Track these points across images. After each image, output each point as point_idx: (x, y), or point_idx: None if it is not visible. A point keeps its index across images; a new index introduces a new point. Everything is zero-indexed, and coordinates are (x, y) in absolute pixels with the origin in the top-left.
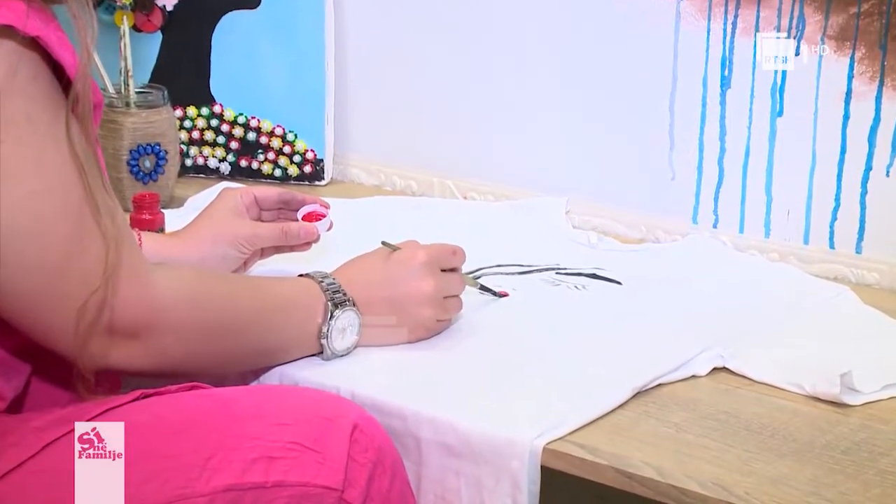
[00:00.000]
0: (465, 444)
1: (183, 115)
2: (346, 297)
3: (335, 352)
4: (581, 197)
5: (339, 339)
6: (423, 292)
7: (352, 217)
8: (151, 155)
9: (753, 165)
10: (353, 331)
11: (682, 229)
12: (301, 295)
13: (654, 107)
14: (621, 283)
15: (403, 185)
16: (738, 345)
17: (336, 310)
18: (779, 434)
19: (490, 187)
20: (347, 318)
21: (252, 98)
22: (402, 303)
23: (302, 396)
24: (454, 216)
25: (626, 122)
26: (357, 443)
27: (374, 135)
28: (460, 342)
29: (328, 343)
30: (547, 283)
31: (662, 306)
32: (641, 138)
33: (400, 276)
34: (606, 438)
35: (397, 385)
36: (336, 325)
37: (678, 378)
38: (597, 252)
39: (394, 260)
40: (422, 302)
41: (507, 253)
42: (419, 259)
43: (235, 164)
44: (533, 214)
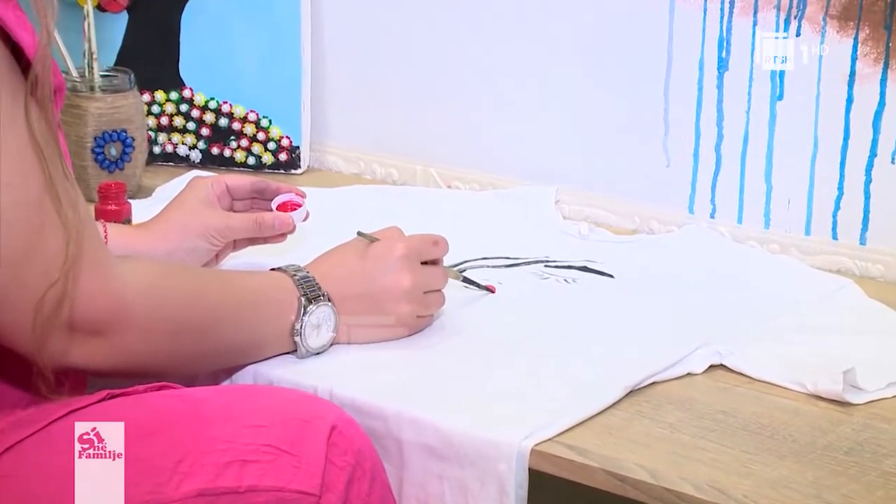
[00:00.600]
0: (449, 447)
1: (151, 100)
2: (320, 292)
3: (309, 349)
4: (571, 185)
5: (313, 335)
6: (400, 288)
7: (329, 207)
8: (117, 142)
9: (752, 152)
10: (328, 327)
11: (678, 220)
12: (273, 289)
13: (648, 90)
14: (613, 276)
15: (384, 173)
16: (736, 341)
17: (310, 305)
18: (778, 434)
19: (475, 175)
20: (322, 313)
21: (224, 82)
22: (379, 299)
23: (277, 397)
24: (437, 206)
25: (618, 106)
26: (335, 445)
27: (352, 120)
28: (444, 339)
29: (302, 340)
30: (535, 276)
31: (657, 300)
32: (635, 124)
33: (377, 271)
34: (598, 439)
35: (377, 384)
36: (310, 321)
37: (673, 376)
38: (588, 244)
39: (370, 253)
40: (399, 297)
41: (493, 245)
42: (397, 252)
43: (206, 151)
44: (521, 204)
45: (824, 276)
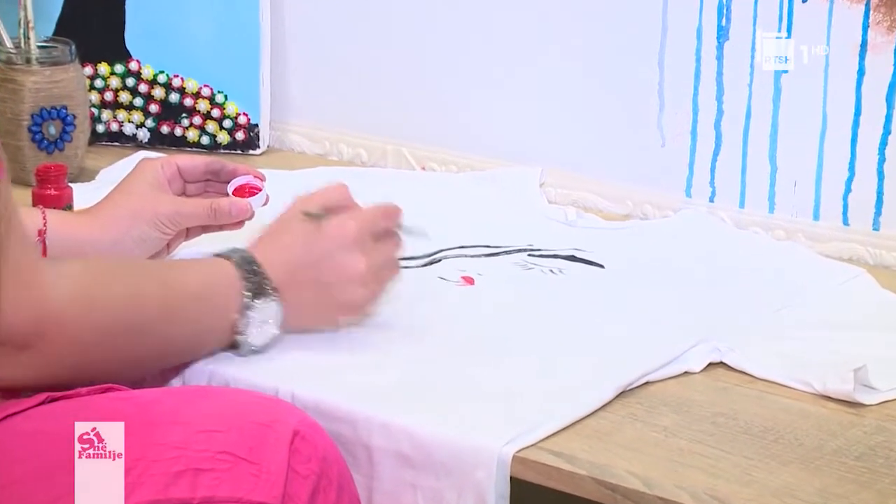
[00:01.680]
0: (423, 454)
1: (93, 74)
2: (267, 284)
3: (252, 347)
4: (557, 167)
5: (256, 332)
6: (355, 271)
7: (291, 191)
8: (57, 120)
9: (755, 130)
10: (274, 323)
11: (674, 204)
12: (216, 281)
13: (642, 62)
14: (603, 266)
15: (351, 153)
16: (737, 336)
17: (255, 300)
18: (783, 438)
19: (452, 156)
20: (268, 308)
21: (174, 53)
22: (331, 284)
23: (234, 399)
24: (410, 189)
25: (608, 80)
26: (298, 452)
27: (317, 96)
28: (417, 336)
29: (245, 338)
30: (518, 266)
31: (651, 292)
32: (627, 99)
33: (327, 255)
34: (586, 445)
35: (344, 386)
36: (255, 318)
37: (668, 375)
38: (575, 231)
39: (320, 235)
40: (353, 281)
41: (471, 232)
42: (349, 233)
43: (155, 130)
44: (501, 187)
45: (834, 264)
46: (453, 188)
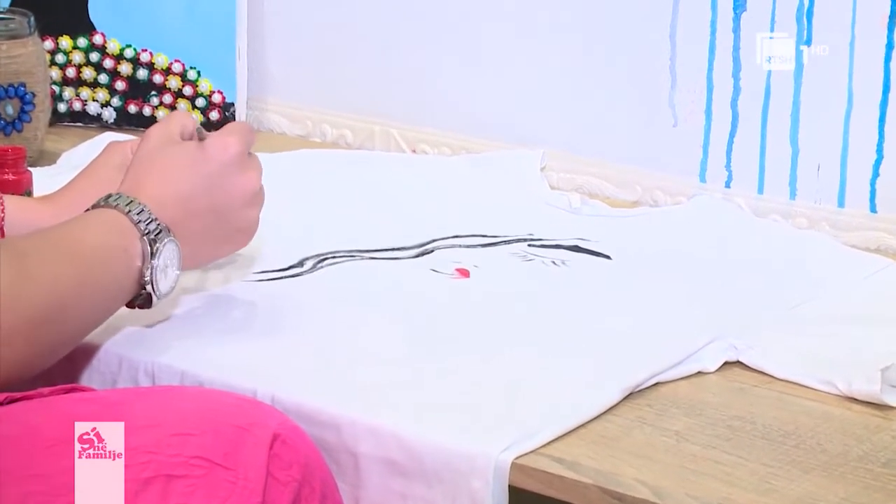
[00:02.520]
0: (414, 461)
1: (54, 48)
2: (160, 226)
3: (161, 294)
4: (560, 149)
5: (162, 279)
6: (249, 190)
7: (270, 175)
8: (14, 98)
9: (775, 109)
10: (174, 265)
11: (687, 189)
12: (113, 238)
13: (652, 34)
14: (610, 257)
15: (335, 135)
16: (755, 333)
17: (155, 245)
18: (805, 443)
19: (445, 137)
20: (168, 251)
21: (142, 26)
22: (226, 209)
23: (209, 400)
24: (400, 174)
25: (615, 53)
26: (278, 457)
27: (298, 72)
28: (407, 334)
29: (154, 288)
30: (517, 257)
31: (661, 286)
32: (635, 74)
33: (218, 177)
34: (591, 451)
35: (328, 387)
36: (158, 265)
37: (680, 375)
38: (580, 218)
39: (205, 157)
40: (249, 202)
41: (466, 220)
42: (234, 149)
43: (122, 109)
44: (499, 171)
45: (861, 255)
46: (446, 172)
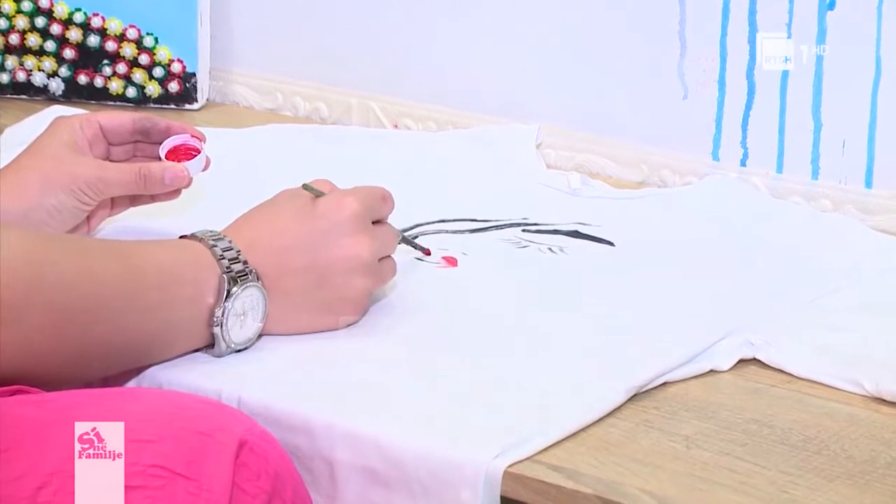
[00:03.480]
0: (396, 469)
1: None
2: (246, 268)
3: (231, 344)
4: (558, 124)
5: (237, 326)
6: (358, 256)
7: (237, 153)
8: None
9: (796, 79)
10: (255, 315)
11: (698, 168)
12: (185, 265)
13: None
14: (613, 243)
15: (308, 108)
16: (773, 328)
17: (234, 286)
18: (828, 449)
19: (430, 111)
20: (250, 297)
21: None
22: (329, 272)
23: (168, 403)
24: (380, 152)
25: (620, 18)
26: (245, 466)
27: (266, 39)
28: (390, 329)
29: (223, 332)
30: (510, 244)
31: (670, 275)
32: (641, 42)
33: (325, 235)
34: (591, 458)
35: (301, 388)
36: (234, 309)
37: (691, 375)
38: (580, 201)
39: (316, 211)
40: (355, 269)
41: (454, 203)
42: (349, 209)
43: (71, 80)
44: (490, 149)
45: (890, 240)
46: (432, 150)
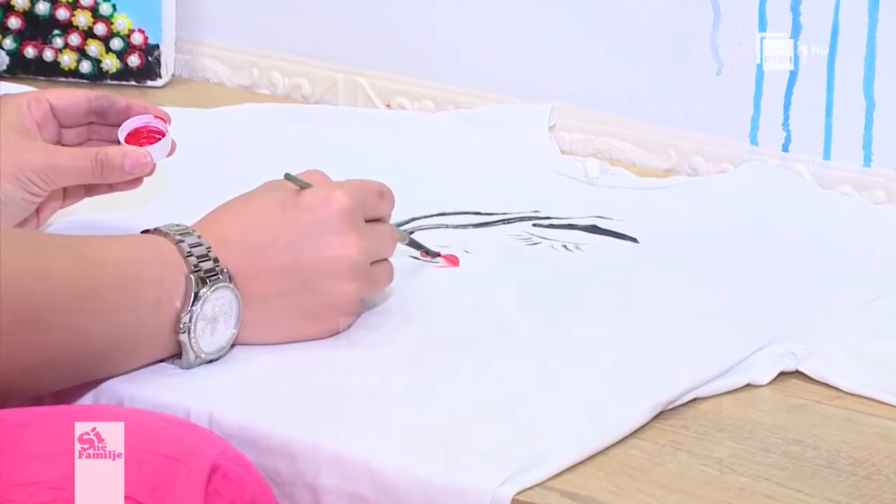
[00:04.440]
0: (389, 497)
1: None
2: (217, 267)
3: (201, 354)
4: (573, 103)
5: (207, 334)
6: (346, 257)
7: (206, 137)
8: None
9: (844, 52)
10: (228, 321)
11: (734, 154)
12: (148, 262)
13: None
14: (637, 239)
15: (289, 85)
16: (818, 336)
17: (203, 287)
18: (880, 473)
19: (427, 88)
20: (221, 300)
21: None
22: (312, 274)
23: (130, 423)
24: (370, 135)
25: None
26: (218, 495)
27: (240, 5)
28: (381, 337)
29: (191, 340)
30: (519, 240)
31: (701, 277)
32: (669, 9)
33: (309, 231)
34: (612, 485)
35: (282, 405)
36: (203, 313)
37: (725, 389)
38: (598, 191)
39: (299, 204)
40: (343, 271)
41: (455, 193)
42: (337, 203)
43: (17, 53)
44: (496, 131)
45: None
46: (429, 133)
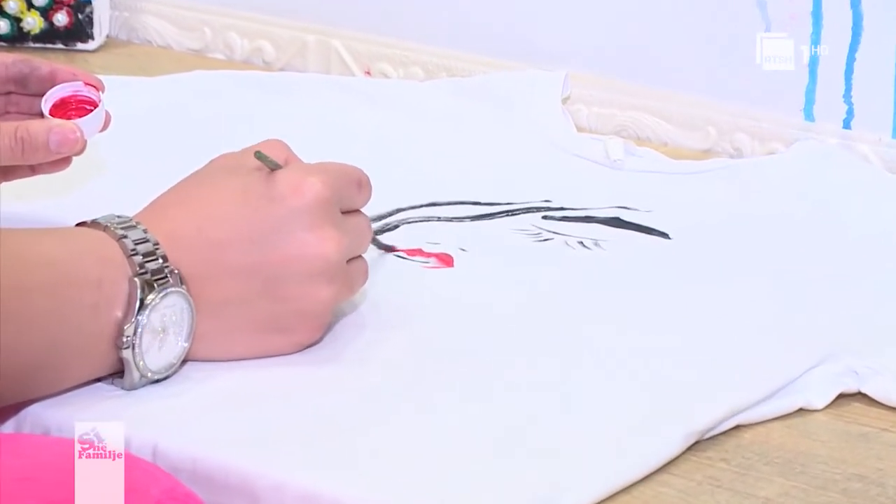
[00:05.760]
0: None
1: None
2: (166, 268)
3: (147, 373)
4: (592, 70)
5: (154, 348)
6: (322, 257)
7: (149, 110)
8: None
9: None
10: (179, 333)
11: (786, 132)
12: (85, 261)
13: None
14: (669, 235)
15: (248, 48)
16: (884, 351)
17: (150, 293)
18: None
19: (416, 52)
20: (171, 308)
21: None
22: (281, 277)
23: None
24: (346, 108)
25: None
26: None
27: None
28: (361, 353)
29: (135, 356)
30: (526, 236)
31: (745, 280)
32: None
33: (278, 225)
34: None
35: (241, 434)
36: (150, 323)
37: (773, 415)
38: (622, 176)
39: (267, 192)
40: (317, 273)
41: (448, 180)
42: (312, 192)
43: None
44: (498, 104)
45: None
46: (417, 106)
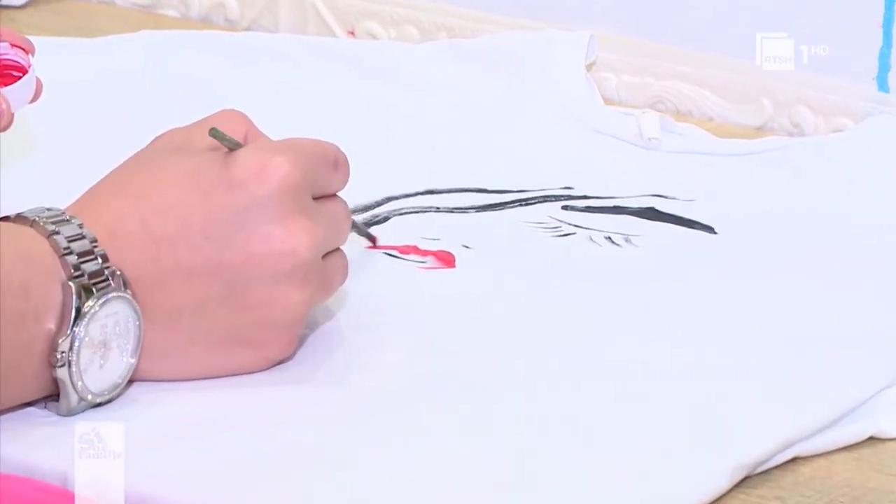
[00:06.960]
0: None
1: None
2: (106, 269)
3: (86, 395)
4: (622, 31)
5: (94, 366)
6: (292, 254)
7: (86, 76)
8: None
9: None
10: (124, 347)
11: (855, 104)
12: (8, 262)
13: None
14: (714, 228)
15: (206, 4)
16: None
17: (89, 299)
18: None
19: (409, 9)
20: (114, 318)
21: None
22: (244, 278)
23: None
24: (325, 75)
25: None
26: None
27: None
28: (341, 371)
29: (72, 376)
30: (543, 229)
31: (805, 282)
32: None
33: (239, 217)
34: None
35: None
36: (89, 335)
37: (838, 444)
38: (659, 158)
39: (224, 176)
40: (287, 274)
41: (449, 163)
42: (279, 176)
43: None
44: (511, 71)
45: None
46: (412, 73)
